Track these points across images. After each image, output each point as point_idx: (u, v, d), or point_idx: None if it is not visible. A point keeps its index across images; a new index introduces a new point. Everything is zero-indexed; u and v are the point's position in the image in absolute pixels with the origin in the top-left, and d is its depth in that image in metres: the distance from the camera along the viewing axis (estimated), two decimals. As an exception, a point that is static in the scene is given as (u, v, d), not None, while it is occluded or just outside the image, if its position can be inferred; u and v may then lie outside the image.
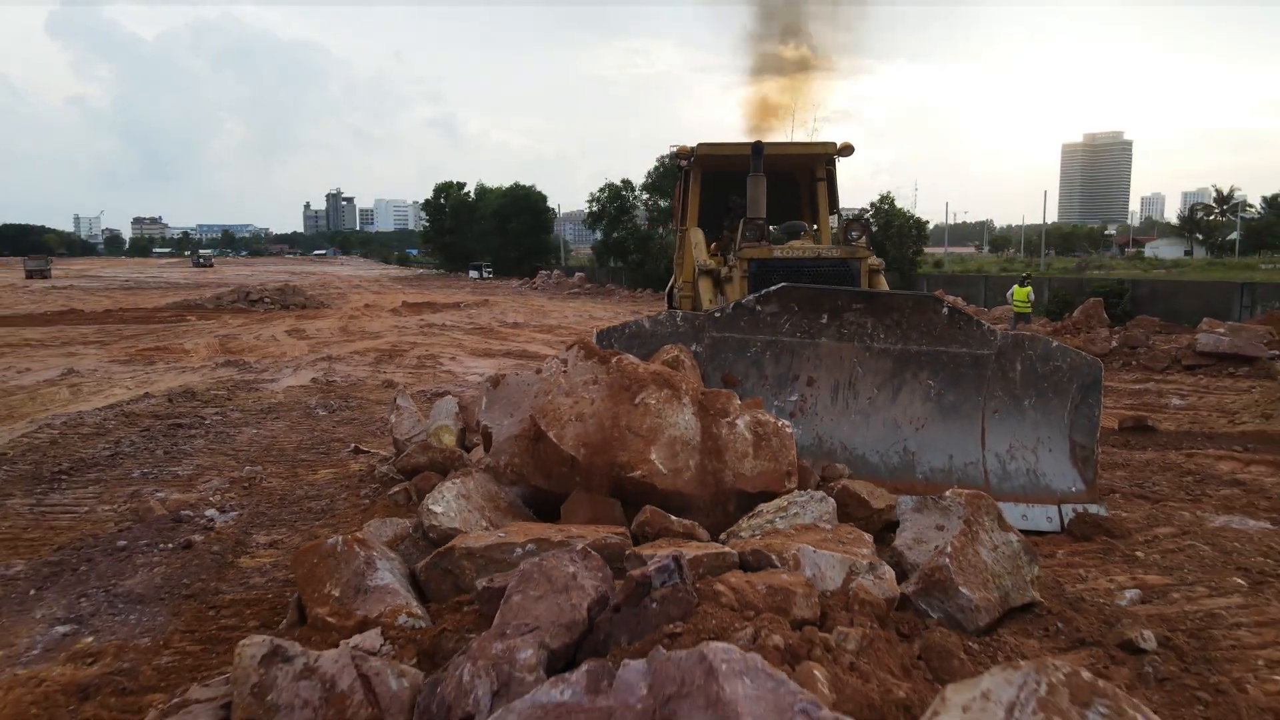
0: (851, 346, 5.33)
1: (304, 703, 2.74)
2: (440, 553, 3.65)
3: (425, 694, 2.46)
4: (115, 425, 9.58)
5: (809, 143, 9.38)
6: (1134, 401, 10.15)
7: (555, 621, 2.52)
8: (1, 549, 5.21)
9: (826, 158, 8.85)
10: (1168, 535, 5.08)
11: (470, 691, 2.20)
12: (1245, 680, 3.15)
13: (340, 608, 3.37)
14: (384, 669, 2.84)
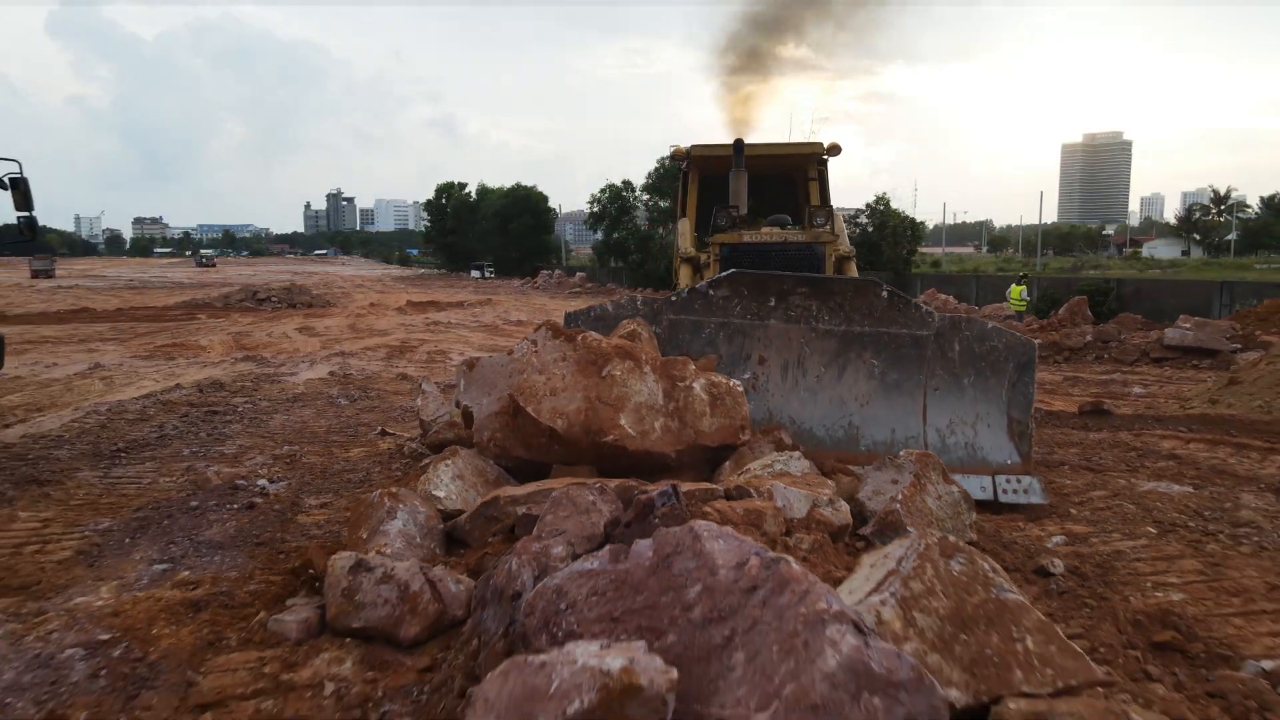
0: (799, 328, 5.73)
1: (384, 600, 3.53)
2: (485, 502, 4.42)
3: (480, 586, 3.23)
4: (156, 412, 10.34)
5: (799, 143, 9.83)
6: (1100, 390, 10.92)
7: (579, 534, 3.30)
8: (86, 510, 5.98)
9: (817, 157, 9.34)
10: (1100, 497, 5.85)
11: (518, 576, 2.96)
12: (1129, 595, 3.92)
13: (360, 545, 4.14)
14: (445, 576, 3.63)
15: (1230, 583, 4.14)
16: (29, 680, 3.11)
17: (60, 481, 6.84)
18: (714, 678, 2.04)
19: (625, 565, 2.55)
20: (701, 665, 2.09)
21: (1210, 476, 6.40)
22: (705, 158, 9.36)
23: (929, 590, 2.33)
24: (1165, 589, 4.07)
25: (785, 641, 1.93)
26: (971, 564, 2.43)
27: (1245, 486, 6.08)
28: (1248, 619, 3.74)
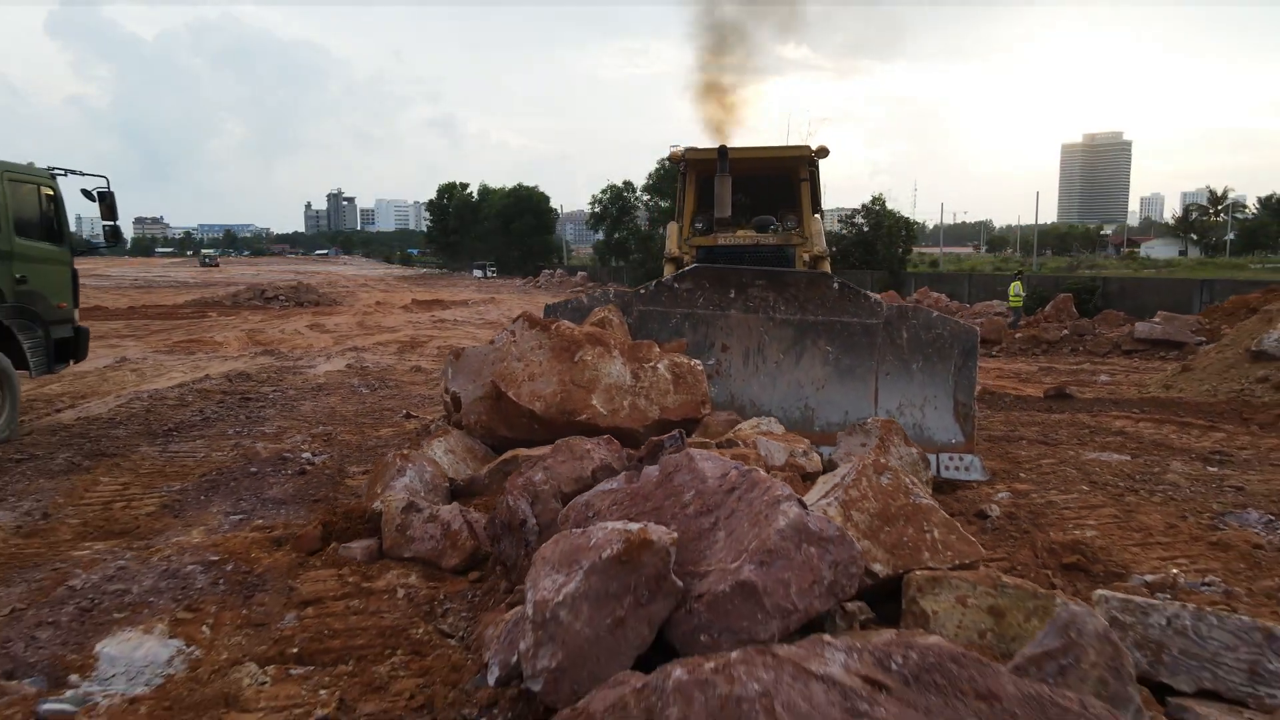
0: (758, 318, 6.18)
1: (430, 535, 4.34)
2: (505, 459, 5.23)
3: (489, 525, 4.06)
4: (193, 399, 11.16)
5: (789, 146, 10.10)
6: (1069, 378, 11.74)
7: (568, 476, 4.07)
8: (156, 477, 6.80)
9: (808, 159, 9.56)
10: (1049, 464, 6.66)
11: (516, 509, 3.79)
12: (1050, 531, 4.73)
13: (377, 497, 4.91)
14: (480, 517, 4.44)
15: (1136, 524, 4.96)
16: (164, 586, 3.93)
17: (125, 455, 7.66)
18: (703, 549, 2.85)
19: (638, 484, 3.37)
20: (694, 542, 2.89)
21: (1149, 448, 7.21)
22: (700, 161, 9.67)
23: (863, 496, 3.14)
24: (1082, 528, 4.88)
25: (753, 518, 2.73)
26: (896, 479, 3.24)
27: (1178, 456, 6.90)
28: (1144, 548, 4.56)
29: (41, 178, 9.46)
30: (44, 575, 4.26)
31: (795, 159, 9.58)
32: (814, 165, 9.63)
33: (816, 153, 9.45)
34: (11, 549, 4.91)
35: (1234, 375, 9.29)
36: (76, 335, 9.77)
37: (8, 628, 3.49)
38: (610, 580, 2.52)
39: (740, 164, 8.98)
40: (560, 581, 2.54)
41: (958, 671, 1.52)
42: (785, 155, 9.69)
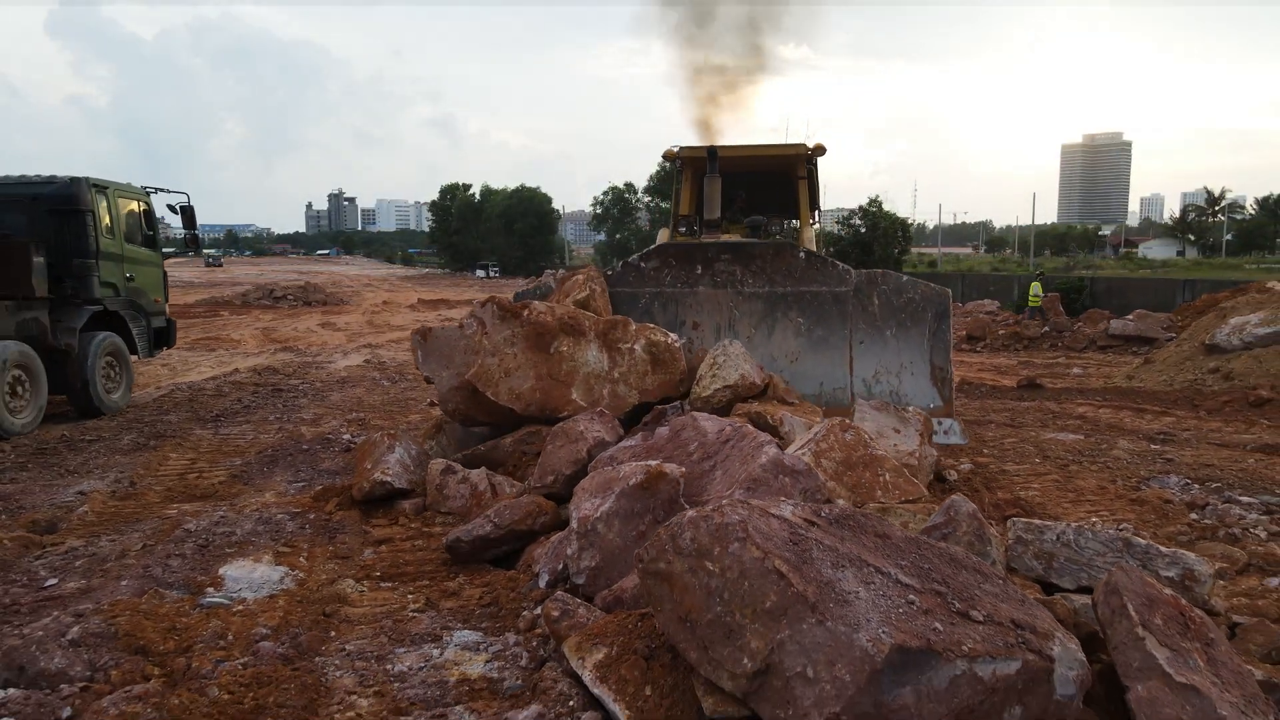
0: (726, 293, 6.21)
1: (461, 495, 5.17)
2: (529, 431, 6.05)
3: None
4: (229, 390, 12.00)
5: (785, 144, 9.96)
6: (1044, 371, 12.59)
7: (567, 459, 4.81)
8: (217, 454, 7.64)
9: (805, 158, 9.51)
10: (1011, 442, 7.50)
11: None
12: (998, 492, 5.57)
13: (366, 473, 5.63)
14: (504, 480, 5.27)
15: (1073, 486, 5.80)
16: (261, 529, 4.77)
17: (183, 436, 8.50)
18: (705, 485, 3.69)
19: (651, 440, 4.21)
20: (698, 480, 3.73)
21: (1103, 430, 8.06)
22: (696, 159, 9.57)
23: (831, 448, 3.97)
24: (1026, 489, 5.72)
25: (742, 459, 3.57)
26: (858, 435, 4.08)
27: (1127, 436, 7.74)
28: (1075, 504, 5.40)
29: (139, 195, 11.46)
30: (154, 525, 5.10)
31: (793, 157, 9.55)
32: (812, 163, 9.63)
33: (814, 151, 9.41)
34: (112, 509, 5.76)
35: (1189, 367, 10.12)
36: (168, 325, 11.96)
37: (144, 558, 4.33)
38: (635, 502, 3.37)
39: (737, 163, 9.01)
40: (598, 503, 3.39)
41: (864, 521, 2.34)
42: (782, 154, 9.64)
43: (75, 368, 9.58)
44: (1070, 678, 2.07)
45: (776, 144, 9.99)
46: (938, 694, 1.87)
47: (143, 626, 3.14)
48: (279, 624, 3.23)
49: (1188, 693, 2.33)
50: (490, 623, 3.36)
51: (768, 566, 1.99)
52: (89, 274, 10.13)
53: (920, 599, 2.02)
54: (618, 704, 2.18)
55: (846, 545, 2.14)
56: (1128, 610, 2.56)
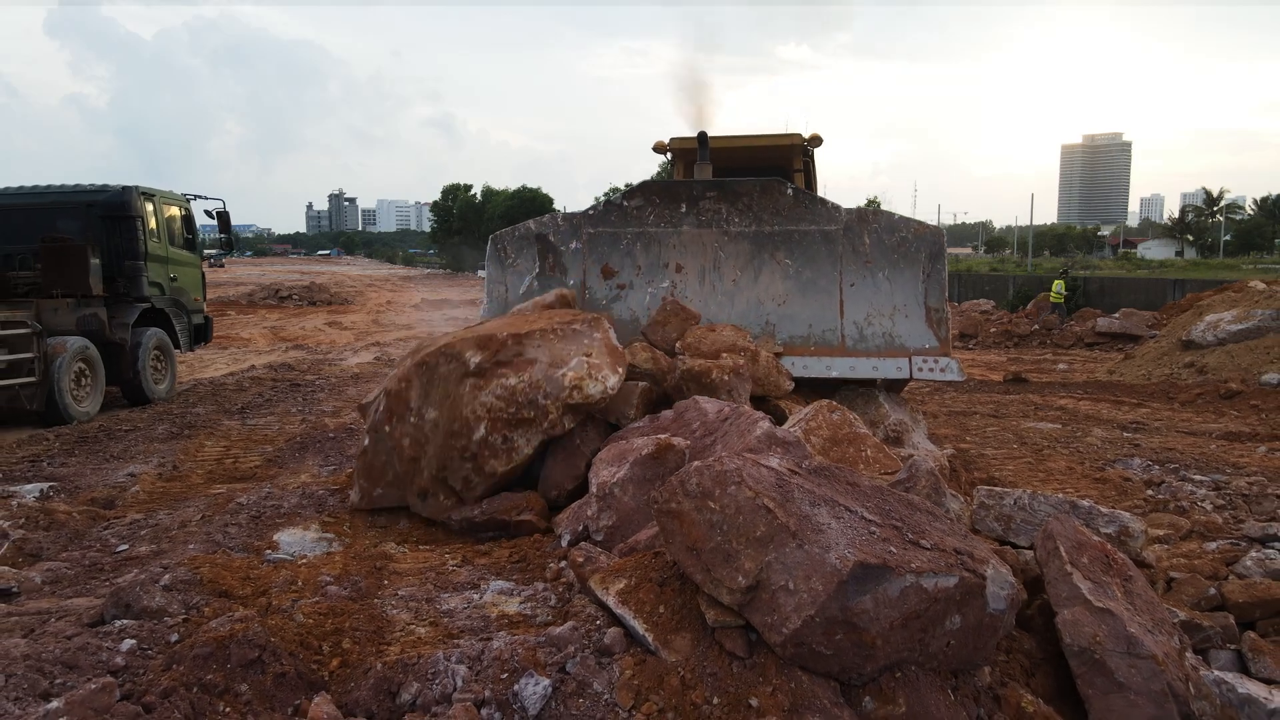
0: (711, 232, 5.90)
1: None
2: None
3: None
4: (249, 384, 12.52)
5: (780, 134, 9.56)
6: (1031, 367, 13.11)
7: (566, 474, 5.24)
8: (249, 442, 8.15)
9: (801, 148, 9.14)
10: (992, 430, 8.02)
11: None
12: (975, 471, 6.08)
13: None
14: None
15: (1044, 468, 6.32)
16: (305, 504, 5.28)
17: (213, 427, 9.01)
18: (706, 455, 4.20)
19: (658, 422, 4.73)
20: (700, 453, 4.23)
21: (1080, 420, 8.57)
22: (687, 150, 9.15)
23: (819, 426, 4.48)
24: (1001, 470, 6.24)
25: (739, 434, 4.07)
26: (844, 415, 4.59)
27: (1102, 425, 8.26)
28: (1044, 483, 5.92)
29: (180, 200, 12.55)
30: (205, 502, 5.61)
31: (787, 148, 9.21)
32: (809, 155, 9.35)
33: (809, 141, 9.12)
34: (161, 488, 6.28)
35: (1166, 361, 10.63)
36: (206, 322, 13.12)
37: (204, 526, 4.84)
38: (646, 470, 3.88)
39: (731, 154, 8.78)
40: (614, 471, 3.90)
41: (838, 473, 2.85)
42: (777, 144, 9.29)
43: (128, 360, 10.59)
44: (1001, 595, 2.57)
45: (771, 134, 9.63)
46: (891, 601, 2.37)
47: (223, 575, 3.64)
48: (340, 573, 3.74)
49: (1104, 615, 2.84)
50: (521, 575, 3.87)
51: (758, 504, 2.49)
52: (139, 274, 11.10)
53: (880, 530, 2.53)
54: (637, 620, 2.68)
55: (822, 489, 2.64)
56: (1059, 551, 3.07)
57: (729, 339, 5.28)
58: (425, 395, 4.66)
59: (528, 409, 4.51)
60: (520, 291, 6.19)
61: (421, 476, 4.65)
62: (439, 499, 4.65)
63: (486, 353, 4.59)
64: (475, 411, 4.50)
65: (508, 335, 4.65)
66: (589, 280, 6.14)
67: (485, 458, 4.52)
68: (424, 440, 4.61)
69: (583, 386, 4.52)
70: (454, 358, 4.64)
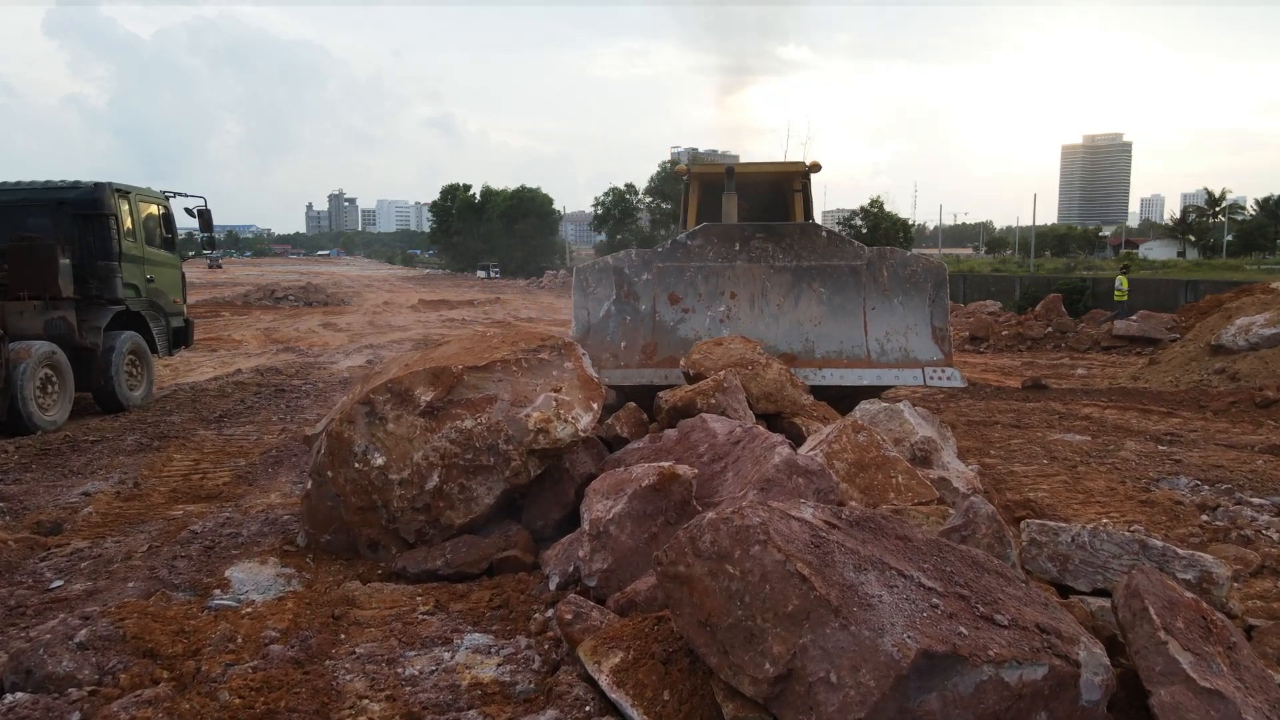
0: (760, 266, 7.07)
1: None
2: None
3: None
4: (232, 390, 11.98)
5: (784, 163, 11.31)
6: (1049, 371, 12.56)
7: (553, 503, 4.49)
8: (221, 455, 7.61)
9: (801, 174, 10.60)
10: (1017, 443, 7.48)
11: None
12: (1007, 493, 5.54)
13: None
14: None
15: (1082, 487, 5.77)
16: (267, 530, 4.74)
17: (187, 437, 8.47)
18: (716, 486, 3.66)
19: (660, 443, 4.19)
20: (709, 482, 3.70)
21: (1110, 431, 8.02)
22: (704, 174, 10.78)
23: (843, 449, 3.95)
24: (1035, 490, 5.70)
25: (754, 460, 3.54)
26: (870, 437, 4.05)
27: (1134, 437, 7.71)
28: (1084, 505, 5.38)
29: (159, 199, 11.94)
30: (160, 526, 5.07)
31: (790, 174, 10.64)
32: (806, 179, 10.61)
33: (810, 168, 10.53)
34: (117, 509, 5.73)
35: (1195, 367, 10.09)
36: (186, 325, 12.40)
37: (150, 560, 4.31)
38: (647, 504, 3.34)
39: (744, 178, 9.89)
40: (610, 505, 3.36)
41: (885, 523, 2.31)
42: (782, 171, 10.80)
43: (100, 366, 9.99)
44: (1096, 683, 2.04)
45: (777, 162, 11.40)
46: (964, 700, 1.84)
47: (151, 629, 3.11)
48: (288, 626, 3.20)
49: (1212, 698, 2.30)
50: (501, 625, 3.33)
51: (790, 570, 1.96)
52: (112, 275, 10.49)
53: (944, 603, 1.99)
54: (635, 709, 2.15)
55: (868, 548, 2.11)
56: (1149, 613, 2.53)
57: (737, 352, 4.78)
58: (370, 437, 4.12)
59: (486, 455, 3.99)
60: (600, 315, 7.09)
61: (370, 528, 4.13)
62: (391, 551, 4.12)
63: (439, 389, 4.07)
64: (427, 457, 3.99)
65: (463, 368, 4.12)
66: (658, 306, 7.10)
67: (440, 509, 4.00)
68: (370, 489, 4.07)
69: (549, 430, 3.99)
70: (402, 396, 4.12)
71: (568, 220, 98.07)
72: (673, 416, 4.53)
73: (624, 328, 6.95)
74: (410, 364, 4.54)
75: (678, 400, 4.46)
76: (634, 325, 6.96)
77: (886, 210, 44.55)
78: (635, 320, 6.98)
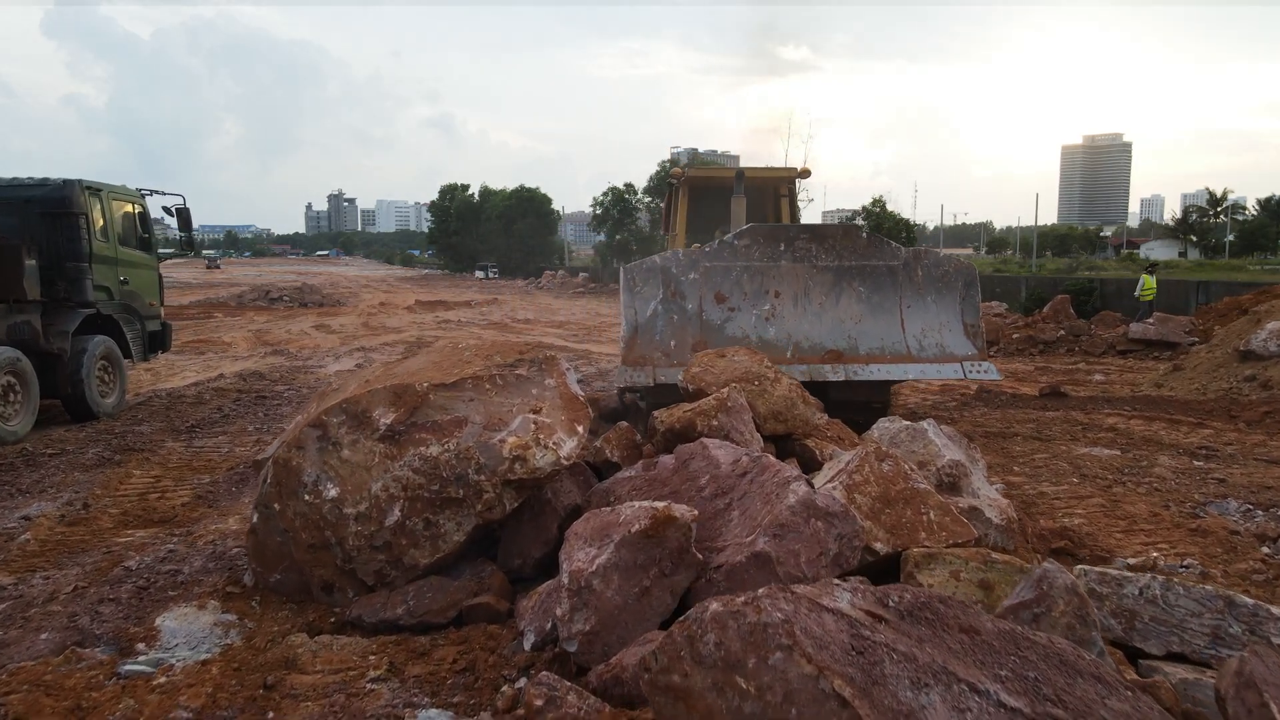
0: (803, 266, 7.22)
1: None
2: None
3: None
4: (210, 397, 11.44)
5: (776, 168, 11.80)
6: (1064, 378, 12.01)
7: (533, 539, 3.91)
8: (185, 470, 7.08)
9: (789, 179, 10.88)
10: (1042, 459, 6.94)
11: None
12: (1040, 519, 5.01)
13: None
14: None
15: (1122, 512, 5.24)
16: (212, 566, 4.21)
17: (153, 450, 7.94)
18: (719, 527, 3.13)
19: (655, 470, 3.65)
20: (711, 521, 3.17)
21: (1139, 444, 7.49)
22: (697, 179, 11.00)
23: (866, 480, 3.42)
24: (1070, 516, 5.16)
25: (765, 498, 3.01)
26: (897, 465, 3.52)
27: (1166, 451, 7.18)
28: (1128, 535, 4.84)
29: (134, 197, 11.43)
30: (96, 559, 4.54)
31: (779, 179, 10.98)
32: (792, 185, 10.96)
33: (800, 174, 11.01)
34: (58, 536, 5.20)
35: (1223, 374, 9.56)
36: (163, 329, 11.86)
37: (73, 604, 3.77)
38: (638, 553, 2.81)
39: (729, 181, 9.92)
40: (593, 554, 2.82)
41: (944, 610, 1.80)
42: (771, 175, 11.17)
43: (68, 372, 9.51)
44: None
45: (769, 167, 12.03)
46: None
47: (40, 707, 2.58)
48: (204, 705, 2.67)
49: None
50: (465, 696, 2.81)
51: (824, 689, 1.43)
52: (82, 277, 10.01)
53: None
54: None
55: (926, 650, 1.59)
56: (1271, 712, 2.00)
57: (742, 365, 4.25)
58: (322, 465, 3.59)
59: (455, 486, 3.46)
60: (647, 314, 7.07)
61: (324, 568, 3.59)
62: (347, 594, 3.58)
63: (401, 410, 3.54)
64: (387, 489, 3.47)
65: (429, 386, 3.60)
66: (704, 305, 7.14)
67: (403, 548, 3.47)
68: (322, 524, 3.54)
69: (527, 457, 3.47)
70: (359, 417, 3.59)
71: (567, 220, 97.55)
72: (670, 439, 4.00)
73: (671, 326, 7.01)
74: (371, 380, 4.01)
75: (675, 421, 3.93)
76: (681, 324, 7.02)
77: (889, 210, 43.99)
78: (683, 319, 7.05)
